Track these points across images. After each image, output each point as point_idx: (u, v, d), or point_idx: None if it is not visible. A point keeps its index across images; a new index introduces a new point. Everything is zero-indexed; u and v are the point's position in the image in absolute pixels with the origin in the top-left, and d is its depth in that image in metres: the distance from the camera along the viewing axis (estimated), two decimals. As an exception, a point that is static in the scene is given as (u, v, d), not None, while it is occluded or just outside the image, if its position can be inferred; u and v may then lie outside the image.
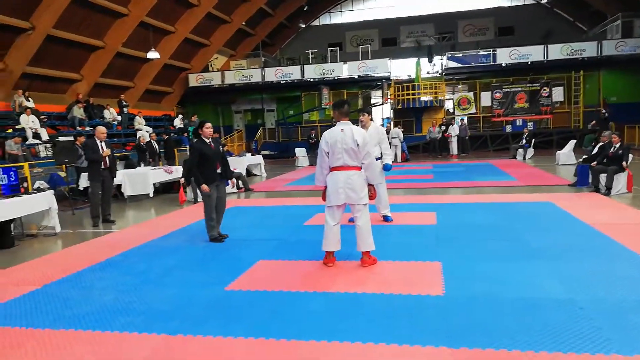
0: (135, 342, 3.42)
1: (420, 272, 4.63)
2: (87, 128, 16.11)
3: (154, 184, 11.30)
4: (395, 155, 17.90)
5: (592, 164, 9.09)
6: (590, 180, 9.07)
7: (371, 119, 6.82)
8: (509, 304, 3.69)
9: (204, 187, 6.01)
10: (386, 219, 7.05)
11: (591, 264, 4.60)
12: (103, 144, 8.08)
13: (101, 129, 8.17)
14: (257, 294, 4.25)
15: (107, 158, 8.08)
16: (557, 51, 20.88)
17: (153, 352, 3.25)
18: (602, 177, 8.74)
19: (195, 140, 6.29)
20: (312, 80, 23.12)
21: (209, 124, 6.25)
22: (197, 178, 6.15)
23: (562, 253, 5.01)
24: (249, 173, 15.12)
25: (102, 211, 8.27)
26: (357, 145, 4.68)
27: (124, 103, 18.75)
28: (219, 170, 6.23)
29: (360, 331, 3.35)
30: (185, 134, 19.39)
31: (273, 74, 23.41)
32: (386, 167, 6.70)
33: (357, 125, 6.27)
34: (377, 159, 6.52)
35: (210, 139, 6.20)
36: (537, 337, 3.13)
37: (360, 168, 4.80)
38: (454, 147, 19.63)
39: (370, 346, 3.13)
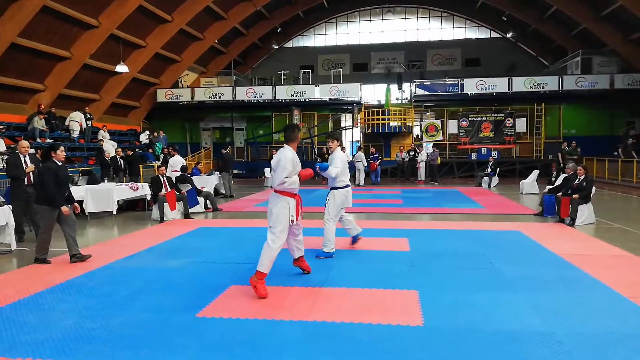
0: (100, 373, 3.18)
1: (398, 300, 4.56)
2: (48, 140, 15.51)
3: (118, 201, 10.89)
4: (358, 179, 18.24)
5: (557, 194, 9.35)
6: (556, 210, 9.29)
7: (340, 145, 6.81)
8: (490, 337, 3.65)
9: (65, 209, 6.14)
10: (320, 254, 6.48)
11: (565, 296, 4.64)
12: (27, 158, 7.68)
13: (23, 143, 7.77)
14: (231, 321, 4.06)
15: (31, 174, 7.65)
16: (521, 83, 21.68)
17: (120, 386, 3.03)
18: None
19: (47, 163, 6.16)
20: (283, 101, 23.13)
21: (62, 148, 6.29)
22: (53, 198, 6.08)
23: (536, 283, 5.05)
24: (216, 192, 14.81)
25: (36, 236, 7.68)
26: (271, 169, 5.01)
27: (88, 116, 18.21)
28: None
29: (342, 364, 3.23)
30: (151, 150, 18.94)
31: (244, 93, 23.31)
32: (322, 167, 6.35)
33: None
34: (347, 186, 6.51)
35: (61, 162, 6.25)
36: (520, 372, 3.09)
37: (276, 190, 4.87)
38: (421, 173, 19.87)
39: (353, 380, 3.01)
